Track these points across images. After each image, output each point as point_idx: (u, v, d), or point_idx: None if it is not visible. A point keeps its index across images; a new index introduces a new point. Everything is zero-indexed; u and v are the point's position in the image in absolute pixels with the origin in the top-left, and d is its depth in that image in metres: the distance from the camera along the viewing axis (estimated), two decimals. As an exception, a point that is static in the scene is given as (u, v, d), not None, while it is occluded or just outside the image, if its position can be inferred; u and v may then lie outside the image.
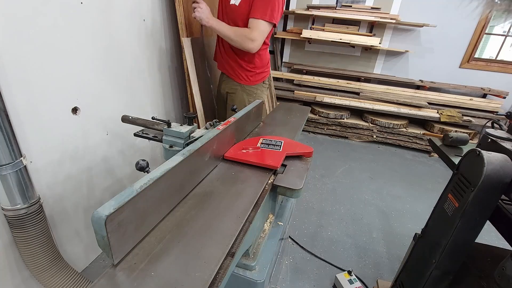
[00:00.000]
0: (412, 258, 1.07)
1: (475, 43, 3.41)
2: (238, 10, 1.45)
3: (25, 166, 0.99)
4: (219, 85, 1.85)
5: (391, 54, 3.73)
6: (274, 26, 1.47)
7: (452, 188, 0.88)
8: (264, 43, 1.54)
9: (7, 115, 0.91)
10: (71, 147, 1.29)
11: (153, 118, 1.09)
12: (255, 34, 1.42)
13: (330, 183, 2.56)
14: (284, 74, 3.97)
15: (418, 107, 3.40)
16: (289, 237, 1.83)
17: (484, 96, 3.59)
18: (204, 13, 1.42)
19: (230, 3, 1.48)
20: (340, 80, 3.82)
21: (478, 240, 0.85)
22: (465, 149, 1.17)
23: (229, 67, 1.66)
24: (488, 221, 0.84)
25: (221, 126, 0.96)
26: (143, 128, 1.13)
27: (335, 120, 3.54)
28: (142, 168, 0.69)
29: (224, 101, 1.81)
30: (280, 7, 1.43)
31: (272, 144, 1.04)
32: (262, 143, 1.05)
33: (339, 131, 3.60)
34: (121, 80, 1.51)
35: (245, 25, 1.45)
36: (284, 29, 3.93)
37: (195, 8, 1.43)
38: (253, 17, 1.39)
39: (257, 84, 1.70)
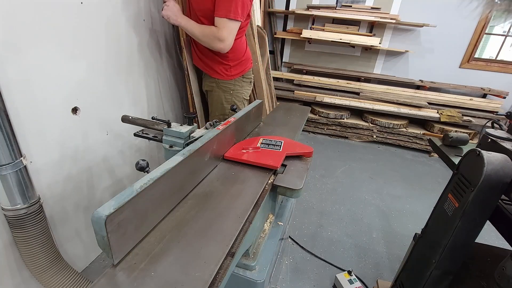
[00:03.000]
0: (412, 258, 1.07)
1: (475, 43, 3.41)
2: (200, 3, 1.36)
3: (25, 166, 0.99)
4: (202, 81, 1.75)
5: (391, 54, 3.73)
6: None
7: (452, 188, 0.88)
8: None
9: (7, 115, 0.91)
10: (71, 147, 1.29)
11: (153, 118, 1.09)
12: (224, 34, 1.32)
13: (330, 183, 2.55)
14: (284, 74, 3.97)
15: (418, 107, 3.40)
16: (289, 237, 1.83)
17: (484, 96, 3.59)
18: (172, 10, 1.35)
19: None
20: (340, 80, 3.82)
21: (478, 240, 0.85)
22: (465, 149, 1.17)
23: (203, 62, 1.57)
24: (488, 221, 0.84)
25: (221, 126, 0.96)
26: (143, 128, 1.14)
27: (335, 120, 3.54)
28: (142, 168, 0.70)
29: (206, 100, 1.74)
30: (245, 1, 1.33)
31: (272, 144, 1.04)
32: (262, 143, 1.05)
33: (339, 131, 3.59)
34: (121, 80, 1.51)
35: (207, 19, 1.37)
36: (284, 29, 3.94)
37: (163, 6, 1.36)
38: (217, 16, 1.30)
39: (234, 79, 1.58)
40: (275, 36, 3.87)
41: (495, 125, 1.05)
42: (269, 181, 0.88)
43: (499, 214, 0.87)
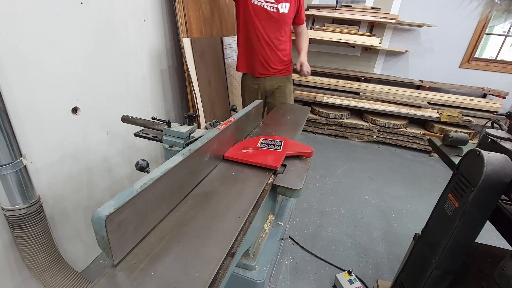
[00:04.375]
0: (412, 258, 1.07)
1: (475, 43, 3.41)
2: (287, 16, 1.82)
3: (25, 166, 0.99)
4: (256, 85, 2.04)
5: (391, 54, 3.73)
6: None
7: (452, 188, 0.88)
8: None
9: (7, 115, 0.91)
10: (71, 147, 1.29)
11: (153, 118, 1.09)
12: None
13: (330, 183, 2.55)
14: (284, 74, 3.96)
15: (418, 107, 3.40)
16: (289, 237, 1.83)
17: (484, 96, 3.59)
18: (308, 66, 1.96)
19: (280, 11, 1.79)
20: (340, 80, 3.82)
21: (478, 240, 0.85)
22: (465, 149, 1.17)
23: (275, 69, 1.98)
24: (488, 221, 0.84)
25: (221, 126, 0.96)
26: (143, 128, 1.14)
27: (335, 120, 3.54)
28: (142, 168, 0.70)
29: (265, 98, 2.12)
30: None
31: (272, 144, 1.04)
32: (262, 143, 1.05)
33: (339, 131, 3.59)
34: (121, 80, 1.51)
35: (290, 27, 1.93)
36: (284, 29, 3.93)
37: (306, 71, 1.93)
38: (303, 24, 2.00)
39: (291, 74, 2.08)
40: (275, 36, 3.86)
41: (495, 125, 1.05)
42: (269, 181, 0.88)
43: (499, 214, 0.87)
